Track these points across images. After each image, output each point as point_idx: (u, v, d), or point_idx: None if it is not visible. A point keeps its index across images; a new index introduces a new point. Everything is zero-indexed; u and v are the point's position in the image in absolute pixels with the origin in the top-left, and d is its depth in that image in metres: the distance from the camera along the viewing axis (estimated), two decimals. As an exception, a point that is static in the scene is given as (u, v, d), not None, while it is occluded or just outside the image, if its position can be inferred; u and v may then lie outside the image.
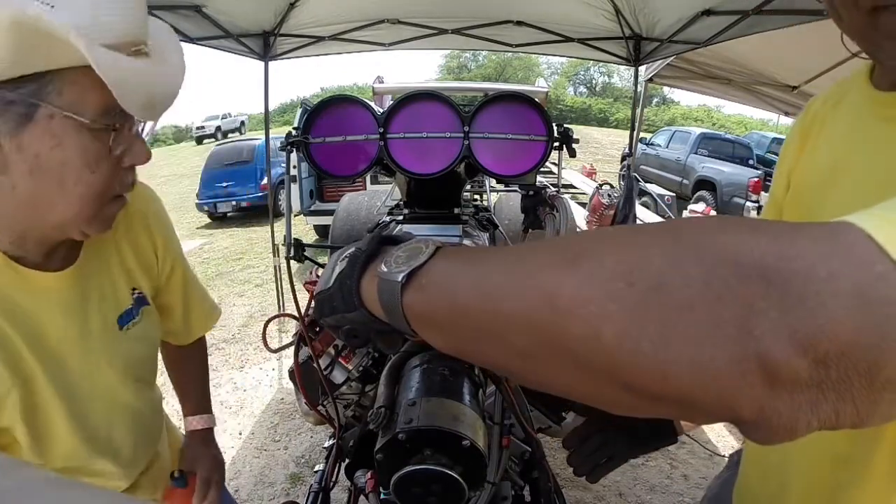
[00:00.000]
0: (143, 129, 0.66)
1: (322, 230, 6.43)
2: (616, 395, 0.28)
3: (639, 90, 4.21)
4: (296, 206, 5.69)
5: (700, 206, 7.32)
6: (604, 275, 0.27)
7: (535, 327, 0.29)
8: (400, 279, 0.38)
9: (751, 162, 8.95)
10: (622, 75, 38.34)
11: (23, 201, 0.58)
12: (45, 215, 0.60)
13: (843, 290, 0.23)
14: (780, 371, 0.23)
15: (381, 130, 1.08)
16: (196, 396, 1.05)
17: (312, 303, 0.92)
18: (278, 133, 6.19)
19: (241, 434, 2.73)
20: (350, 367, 0.92)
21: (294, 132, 1.09)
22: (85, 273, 0.74)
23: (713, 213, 7.10)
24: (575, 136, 1.10)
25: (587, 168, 10.22)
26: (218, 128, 25.62)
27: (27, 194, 0.58)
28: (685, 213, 7.10)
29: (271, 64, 3.63)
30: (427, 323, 0.38)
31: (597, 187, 6.47)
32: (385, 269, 0.40)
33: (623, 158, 8.17)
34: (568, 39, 3.66)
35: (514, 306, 0.30)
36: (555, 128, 1.09)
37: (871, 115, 0.57)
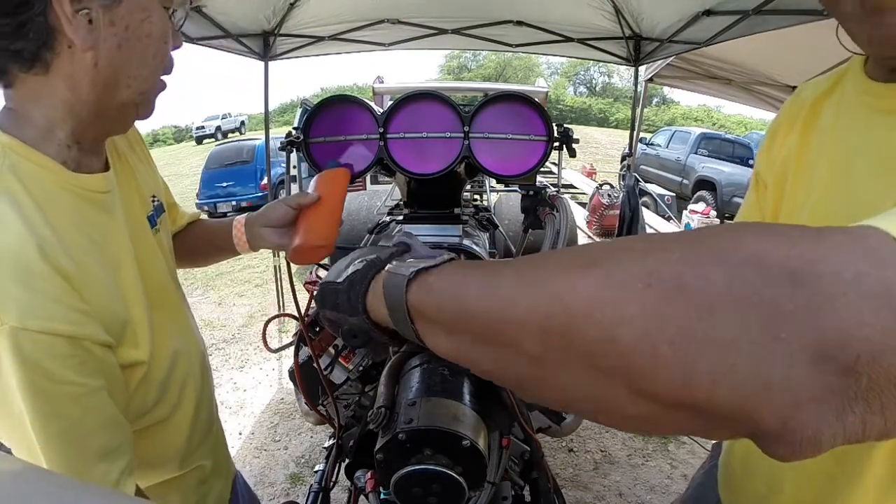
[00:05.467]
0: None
1: (322, 230, 6.42)
2: (631, 405, 0.27)
3: (639, 90, 4.21)
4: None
5: (700, 206, 7.30)
6: (620, 276, 0.26)
7: (549, 331, 0.28)
8: (408, 274, 0.39)
9: (751, 162, 8.94)
10: (622, 75, 38.32)
11: (102, 78, 0.62)
12: (118, 93, 0.64)
13: (872, 290, 0.21)
14: (807, 378, 0.22)
15: (381, 130, 1.08)
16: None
17: (312, 302, 0.92)
18: (278, 133, 6.18)
19: (241, 434, 2.73)
20: (350, 367, 0.91)
21: (294, 132, 1.09)
22: (118, 177, 0.76)
23: (713, 213, 7.09)
24: (575, 136, 1.10)
25: (587, 168, 10.25)
26: (218, 128, 25.59)
27: (109, 70, 0.61)
28: (685, 213, 7.09)
29: (271, 64, 3.63)
30: (431, 322, 0.38)
31: (597, 187, 6.48)
32: (394, 265, 0.41)
33: (623, 158, 8.16)
34: (568, 39, 3.66)
35: (528, 310, 0.29)
36: (555, 128, 1.09)
37: (866, 105, 0.56)
